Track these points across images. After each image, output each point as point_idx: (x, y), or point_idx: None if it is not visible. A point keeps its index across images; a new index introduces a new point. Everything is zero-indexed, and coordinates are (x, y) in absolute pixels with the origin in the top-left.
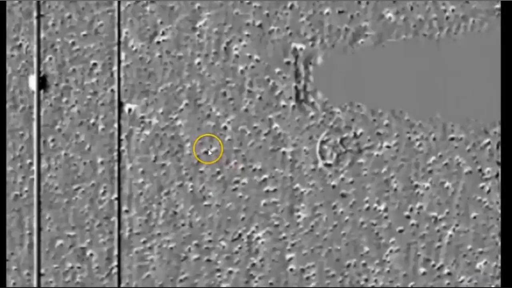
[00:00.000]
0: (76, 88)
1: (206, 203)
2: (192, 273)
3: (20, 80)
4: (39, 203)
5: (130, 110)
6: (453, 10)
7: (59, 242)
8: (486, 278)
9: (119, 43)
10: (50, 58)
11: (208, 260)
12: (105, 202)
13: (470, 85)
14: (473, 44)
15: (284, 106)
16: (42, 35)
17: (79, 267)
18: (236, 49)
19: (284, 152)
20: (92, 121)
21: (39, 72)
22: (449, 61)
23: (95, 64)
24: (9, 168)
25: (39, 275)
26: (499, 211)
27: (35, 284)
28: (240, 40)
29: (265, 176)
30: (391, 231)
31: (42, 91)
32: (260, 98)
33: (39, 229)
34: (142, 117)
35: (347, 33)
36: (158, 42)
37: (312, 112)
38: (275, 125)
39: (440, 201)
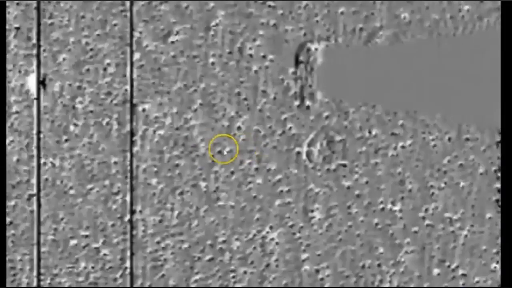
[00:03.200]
0: (89, 87)
1: (219, 203)
2: (206, 274)
3: (26, 78)
4: (39, 204)
5: (143, 110)
6: (468, 10)
7: (72, 242)
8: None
9: (131, 42)
10: (64, 59)
11: (222, 261)
12: (118, 202)
13: (484, 85)
14: (489, 43)
15: (298, 106)
16: (56, 35)
17: (92, 267)
18: (250, 48)
19: (298, 153)
20: (105, 121)
21: (39, 72)
22: (463, 61)
23: (108, 64)
24: (19, 167)
25: (39, 275)
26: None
27: (35, 284)
28: (254, 40)
29: (279, 176)
30: (406, 231)
31: (42, 91)
32: (274, 98)
33: (39, 228)
34: (156, 117)
35: (362, 33)
36: (172, 42)
37: (323, 109)
38: (289, 125)
39: (455, 202)
